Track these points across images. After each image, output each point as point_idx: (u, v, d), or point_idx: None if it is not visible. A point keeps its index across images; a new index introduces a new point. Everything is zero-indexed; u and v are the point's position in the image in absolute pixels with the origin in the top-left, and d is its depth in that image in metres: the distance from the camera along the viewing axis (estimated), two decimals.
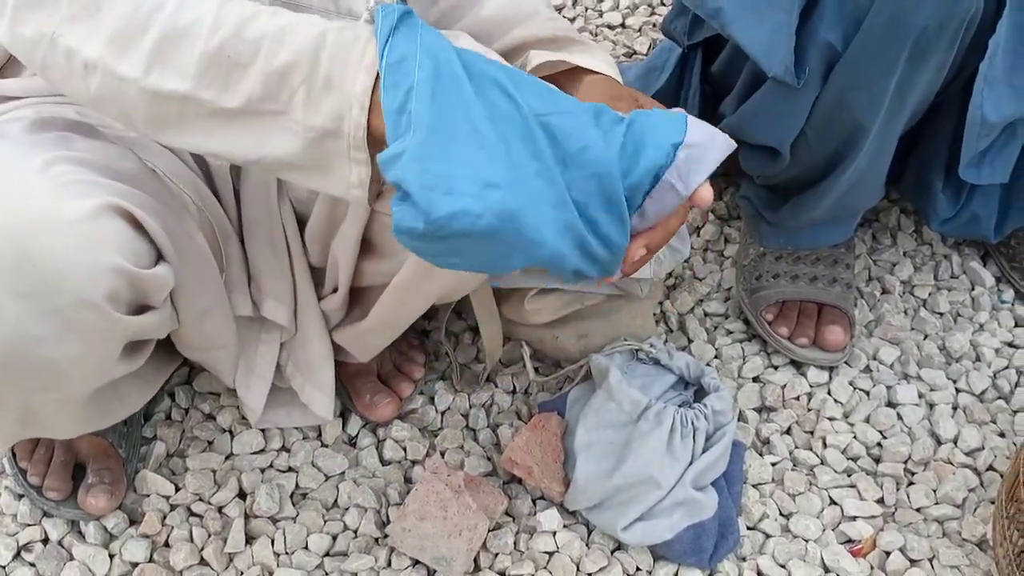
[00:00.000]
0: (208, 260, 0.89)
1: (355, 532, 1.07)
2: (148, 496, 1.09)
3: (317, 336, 1.02)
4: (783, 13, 1.00)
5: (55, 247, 0.68)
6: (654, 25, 1.70)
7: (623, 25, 1.71)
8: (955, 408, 1.19)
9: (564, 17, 1.71)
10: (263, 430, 1.15)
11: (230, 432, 1.15)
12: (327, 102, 0.65)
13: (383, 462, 1.14)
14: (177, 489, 1.10)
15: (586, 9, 1.74)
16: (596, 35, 1.69)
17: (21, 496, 1.08)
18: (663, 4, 1.74)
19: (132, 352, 0.88)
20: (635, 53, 1.66)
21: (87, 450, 1.08)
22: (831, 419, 1.17)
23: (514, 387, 1.21)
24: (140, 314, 0.79)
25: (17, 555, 1.05)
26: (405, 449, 1.14)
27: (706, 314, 1.29)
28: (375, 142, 0.66)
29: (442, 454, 1.14)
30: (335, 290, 1.01)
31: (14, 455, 1.09)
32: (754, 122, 1.13)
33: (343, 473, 1.12)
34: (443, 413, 1.19)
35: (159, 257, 0.79)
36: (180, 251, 0.81)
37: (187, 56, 0.66)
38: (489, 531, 1.05)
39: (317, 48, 0.64)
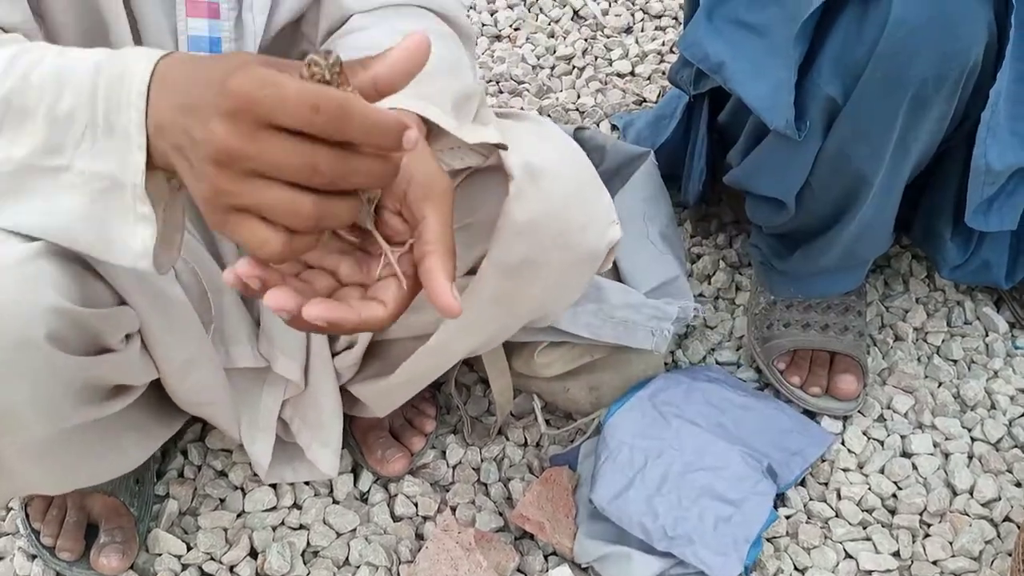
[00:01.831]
0: (186, 311, 0.88)
1: None
2: (160, 555, 1.09)
3: (328, 393, 1.02)
4: (782, 68, 1.00)
5: None
6: (663, 73, 1.71)
7: (632, 73, 1.73)
8: (970, 457, 1.17)
9: (575, 67, 1.74)
10: (274, 486, 1.15)
11: (242, 489, 1.16)
12: (110, 147, 0.60)
13: (394, 518, 1.14)
14: (189, 548, 1.10)
15: (596, 59, 1.76)
16: (607, 83, 1.70)
17: (34, 557, 1.08)
18: (672, 52, 1.76)
19: (109, 396, 0.88)
20: (645, 101, 1.67)
21: (99, 510, 1.09)
22: (845, 470, 1.16)
23: (525, 440, 1.21)
24: (97, 355, 0.79)
25: None
26: (416, 505, 1.14)
27: (718, 363, 1.28)
28: (159, 194, 0.62)
29: (453, 510, 1.14)
30: (350, 346, 1.01)
31: (27, 516, 1.10)
32: (759, 174, 1.13)
33: (354, 530, 1.12)
34: (455, 467, 1.19)
35: (121, 300, 0.79)
36: (149, 298, 0.81)
37: None
38: None
39: (94, 86, 0.59)
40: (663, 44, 1.77)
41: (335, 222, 0.53)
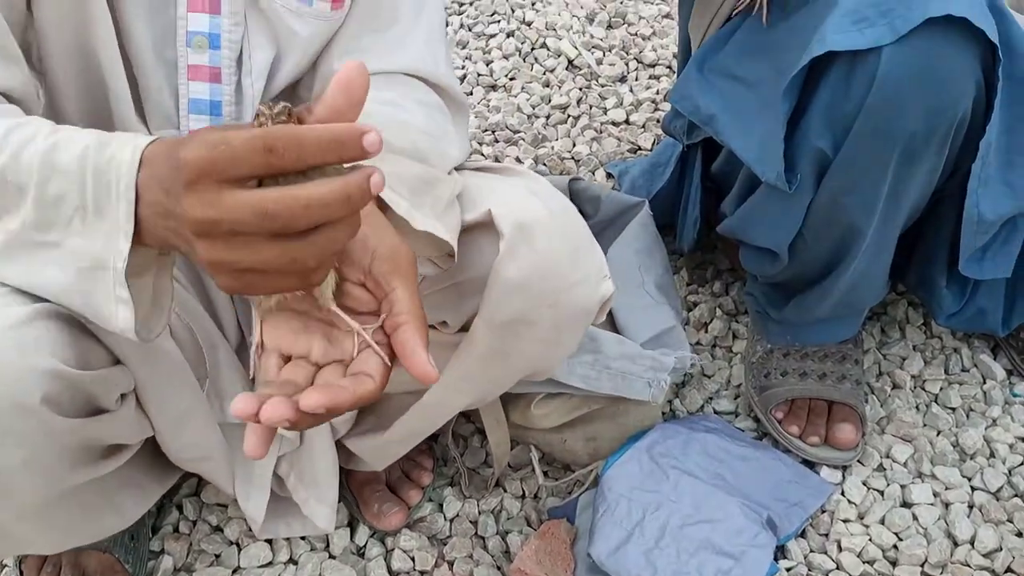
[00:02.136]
0: (180, 367, 0.88)
1: None
2: None
3: (324, 449, 1.01)
4: (772, 121, 1.01)
5: None
6: (658, 121, 1.73)
7: (627, 122, 1.74)
8: (971, 507, 1.16)
9: (570, 116, 1.75)
10: (270, 541, 1.14)
11: (237, 545, 1.15)
12: (98, 230, 0.62)
13: (391, 573, 1.13)
14: None
15: (591, 107, 1.77)
16: (601, 132, 1.72)
17: None
18: (666, 100, 1.77)
19: (104, 456, 0.87)
20: (639, 149, 1.68)
21: (94, 567, 1.08)
22: (846, 521, 1.15)
23: (523, 492, 1.20)
24: (92, 416, 0.79)
25: None
26: (414, 559, 1.13)
27: (716, 412, 1.28)
28: (146, 264, 0.64)
29: (451, 564, 1.13)
30: None
31: (21, 573, 1.09)
32: (751, 224, 1.14)
33: None
34: (452, 520, 1.18)
35: (116, 359, 0.80)
36: (143, 356, 0.81)
37: None
38: None
39: (82, 171, 0.61)
40: (657, 93, 1.79)
41: (338, 246, 0.55)
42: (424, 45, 0.88)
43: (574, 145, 1.69)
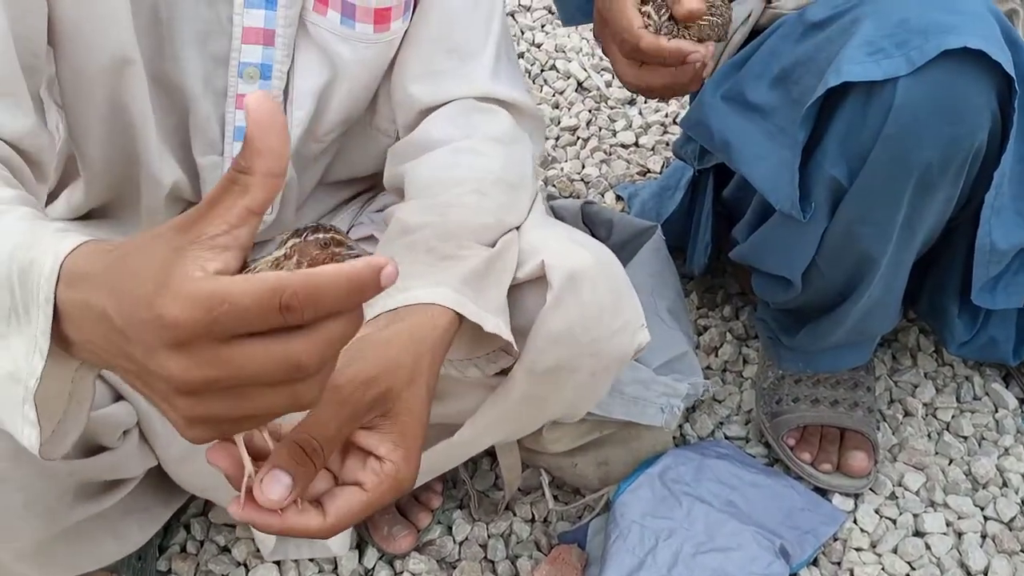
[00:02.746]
0: None
1: None
2: None
3: None
4: (786, 149, 1.01)
5: None
6: (667, 144, 1.73)
7: (637, 144, 1.74)
8: (984, 537, 1.16)
9: (579, 137, 1.76)
10: (278, 563, 1.13)
11: (245, 566, 1.14)
12: (22, 339, 0.54)
13: None
14: None
15: (600, 129, 1.78)
16: (611, 154, 1.72)
17: None
18: (675, 124, 1.78)
19: (105, 490, 0.87)
20: (649, 171, 1.69)
21: None
22: (858, 549, 1.15)
23: (533, 516, 1.20)
24: (93, 456, 0.78)
25: None
26: None
27: (727, 437, 1.28)
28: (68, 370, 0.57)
29: None
30: None
31: None
32: (765, 252, 1.14)
33: None
34: (461, 544, 1.17)
35: (119, 395, 0.79)
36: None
37: None
38: None
39: (9, 272, 0.54)
40: (666, 116, 1.79)
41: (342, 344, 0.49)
42: (495, 64, 0.89)
43: (583, 167, 1.69)
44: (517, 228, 0.82)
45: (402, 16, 0.87)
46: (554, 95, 1.85)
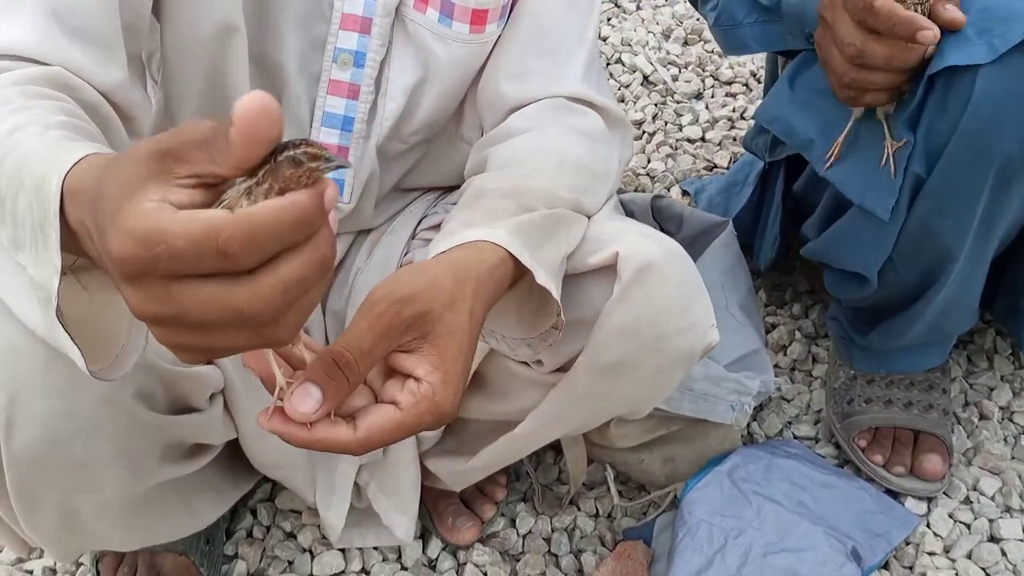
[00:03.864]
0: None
1: None
2: None
3: (408, 461, 1.01)
4: (871, 147, 0.99)
5: None
6: (734, 139, 1.71)
7: (703, 139, 1.72)
8: None
9: (645, 132, 1.74)
10: (343, 550, 1.14)
11: (310, 552, 1.15)
12: (45, 258, 0.53)
13: None
14: None
15: (666, 124, 1.76)
16: (677, 149, 1.70)
17: None
18: (743, 119, 1.75)
19: (188, 455, 0.88)
20: (715, 167, 1.66)
21: (169, 569, 1.08)
22: (931, 554, 1.12)
23: (597, 511, 1.19)
24: (182, 414, 0.78)
25: None
26: (486, 574, 1.12)
27: (796, 437, 1.25)
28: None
29: None
30: None
31: (98, 573, 1.10)
32: (839, 248, 1.11)
33: None
34: (524, 536, 1.17)
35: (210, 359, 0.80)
36: (234, 360, 0.81)
37: None
38: None
39: (31, 189, 0.53)
40: (733, 111, 1.77)
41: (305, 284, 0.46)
42: (586, 67, 0.88)
43: (649, 161, 1.68)
44: (588, 218, 0.81)
45: (498, 20, 0.87)
46: (620, 89, 1.84)
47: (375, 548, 1.14)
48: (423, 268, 0.64)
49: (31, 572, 1.13)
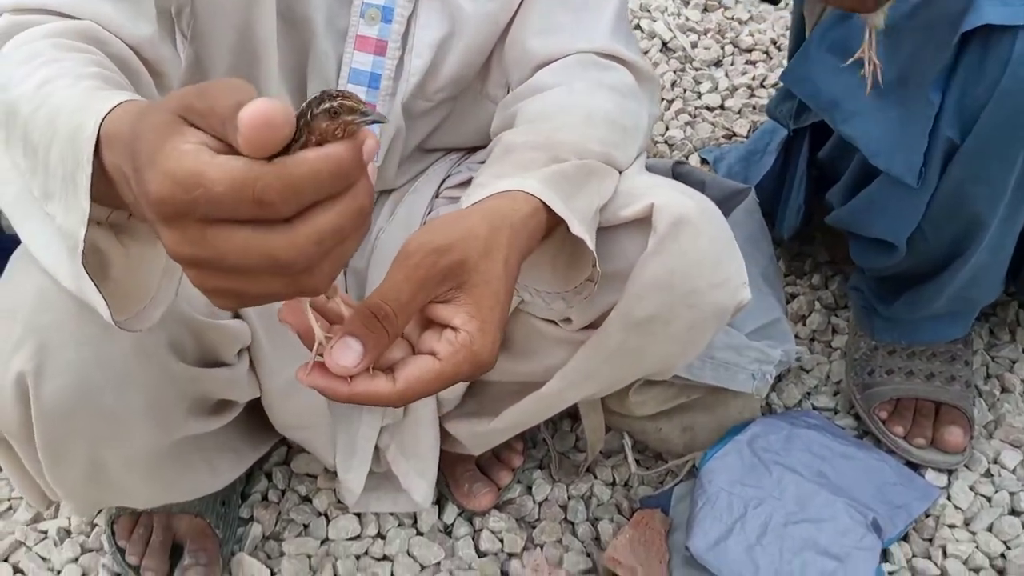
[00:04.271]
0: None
1: None
2: None
3: (429, 423, 1.00)
4: (899, 110, 0.96)
5: None
6: (754, 107, 1.69)
7: (722, 107, 1.70)
8: None
9: (663, 99, 1.71)
10: (359, 515, 1.13)
11: (326, 516, 1.14)
12: (74, 206, 0.54)
13: (479, 553, 1.11)
14: (272, 574, 1.09)
15: (684, 91, 1.73)
16: (696, 117, 1.68)
17: (118, 575, 1.08)
18: (763, 87, 1.73)
19: (213, 411, 0.88)
20: (735, 135, 1.64)
21: (185, 530, 1.08)
22: (951, 526, 1.11)
23: (614, 479, 1.18)
24: (211, 367, 0.78)
25: None
26: (502, 541, 1.12)
27: (815, 408, 1.24)
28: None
29: (540, 548, 1.11)
30: None
31: (113, 533, 1.09)
32: (868, 216, 1.09)
33: (439, 564, 1.10)
34: (541, 504, 1.16)
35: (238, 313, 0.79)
36: (261, 316, 0.81)
37: (17, 134, 0.59)
38: None
39: (67, 139, 0.54)
40: (753, 78, 1.74)
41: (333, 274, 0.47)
42: (615, 22, 0.87)
43: (667, 129, 1.65)
44: (619, 173, 0.80)
45: None
46: None
47: (391, 513, 1.13)
48: (457, 218, 0.63)
49: (45, 532, 1.13)
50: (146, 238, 0.58)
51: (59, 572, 1.09)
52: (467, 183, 0.95)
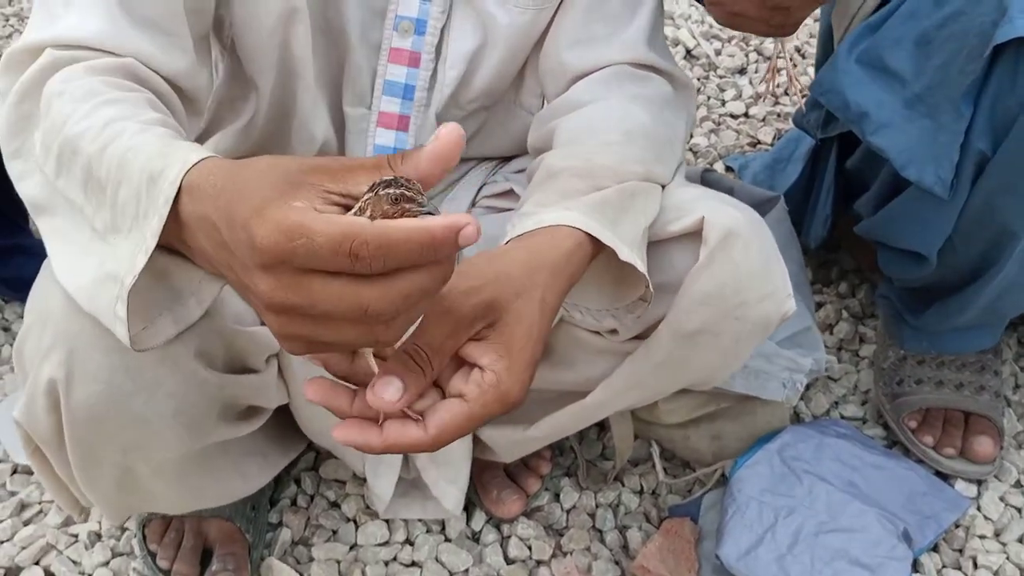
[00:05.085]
0: None
1: None
2: None
3: None
4: (931, 121, 0.96)
5: None
6: (778, 115, 1.69)
7: (747, 115, 1.70)
8: None
9: None
10: (387, 521, 1.14)
11: (355, 522, 1.15)
12: (130, 240, 0.60)
13: (508, 560, 1.11)
14: None
15: (708, 99, 1.73)
16: (720, 124, 1.68)
17: None
18: (787, 94, 1.73)
19: (242, 417, 0.89)
20: (759, 143, 1.64)
21: (215, 534, 1.09)
22: (981, 537, 1.11)
23: (642, 487, 1.18)
24: (240, 374, 0.79)
25: None
26: (530, 548, 1.12)
27: (844, 417, 1.24)
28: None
29: (569, 555, 1.11)
30: None
31: (144, 538, 1.10)
32: (897, 227, 1.09)
33: (467, 570, 1.10)
34: (569, 511, 1.16)
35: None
36: None
37: (76, 169, 0.64)
38: None
39: (142, 180, 0.59)
40: (778, 86, 1.74)
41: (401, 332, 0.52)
42: (651, 31, 0.87)
43: (692, 136, 1.66)
44: (662, 187, 0.80)
45: None
46: None
47: (419, 520, 1.14)
48: (491, 258, 0.65)
49: (76, 536, 1.14)
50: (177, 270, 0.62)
51: None
52: (505, 193, 0.95)
